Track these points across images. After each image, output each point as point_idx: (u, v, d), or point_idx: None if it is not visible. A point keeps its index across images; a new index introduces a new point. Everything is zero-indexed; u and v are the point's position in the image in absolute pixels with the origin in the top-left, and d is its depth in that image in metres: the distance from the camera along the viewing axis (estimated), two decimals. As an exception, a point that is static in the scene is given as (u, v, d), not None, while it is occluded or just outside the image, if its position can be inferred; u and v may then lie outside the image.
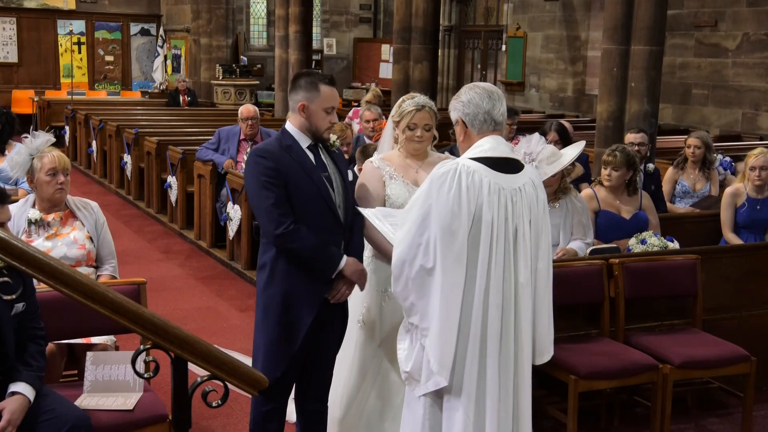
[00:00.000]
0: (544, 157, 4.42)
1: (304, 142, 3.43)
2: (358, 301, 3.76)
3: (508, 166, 3.01)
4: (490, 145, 3.01)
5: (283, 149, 3.38)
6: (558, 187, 4.68)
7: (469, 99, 3.06)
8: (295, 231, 3.28)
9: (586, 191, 5.23)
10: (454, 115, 3.12)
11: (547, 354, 3.18)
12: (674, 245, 4.91)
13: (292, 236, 3.28)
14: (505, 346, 2.97)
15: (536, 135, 4.55)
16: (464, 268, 2.89)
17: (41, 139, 4.17)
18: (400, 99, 3.89)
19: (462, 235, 2.88)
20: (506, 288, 2.96)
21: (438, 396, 3.00)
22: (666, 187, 6.64)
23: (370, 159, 3.89)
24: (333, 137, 3.55)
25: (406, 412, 3.16)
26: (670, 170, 6.75)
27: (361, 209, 3.42)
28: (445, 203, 2.88)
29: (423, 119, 3.73)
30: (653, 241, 4.84)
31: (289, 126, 3.46)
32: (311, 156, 3.43)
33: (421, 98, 3.78)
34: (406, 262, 2.90)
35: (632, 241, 4.90)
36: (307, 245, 3.30)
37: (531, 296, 3.04)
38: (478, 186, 2.91)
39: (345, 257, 3.38)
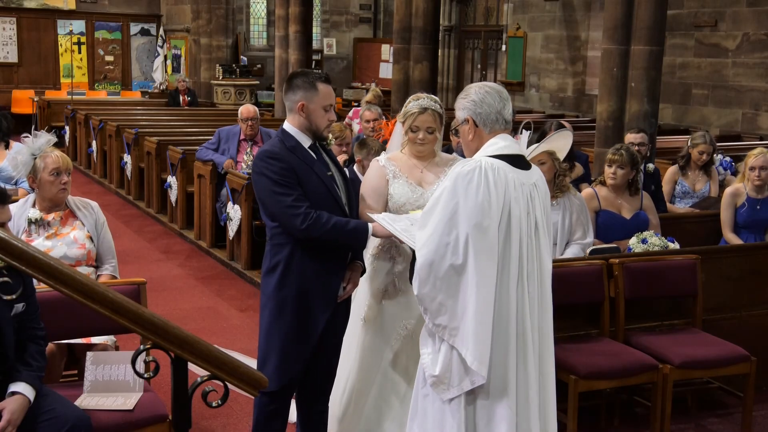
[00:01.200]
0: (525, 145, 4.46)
1: (306, 142, 3.45)
2: (361, 300, 3.77)
3: (521, 163, 3.07)
4: (506, 143, 3.06)
5: (289, 150, 3.40)
6: (554, 183, 4.66)
7: (482, 98, 3.07)
8: (318, 218, 3.30)
9: (587, 191, 5.23)
10: (462, 114, 3.11)
11: None
12: (675, 246, 4.90)
13: (316, 224, 3.29)
14: (534, 337, 3.01)
15: (525, 133, 4.55)
16: (496, 264, 2.90)
17: (43, 139, 4.18)
18: (411, 97, 3.86)
19: (493, 231, 2.90)
20: (531, 281, 3.00)
21: (471, 395, 2.97)
22: (666, 187, 6.64)
23: (377, 158, 3.89)
24: (330, 136, 3.57)
25: (422, 421, 3.08)
26: (671, 170, 6.74)
27: (372, 214, 3.41)
28: (474, 200, 2.88)
29: (425, 122, 3.70)
30: (654, 240, 4.84)
31: (289, 127, 3.46)
32: (314, 155, 3.45)
33: (426, 100, 3.74)
34: (434, 263, 2.89)
35: (633, 241, 4.90)
36: (333, 225, 3.32)
37: (550, 285, 3.11)
38: (504, 182, 2.94)
39: (369, 224, 3.42)
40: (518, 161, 3.05)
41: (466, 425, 2.98)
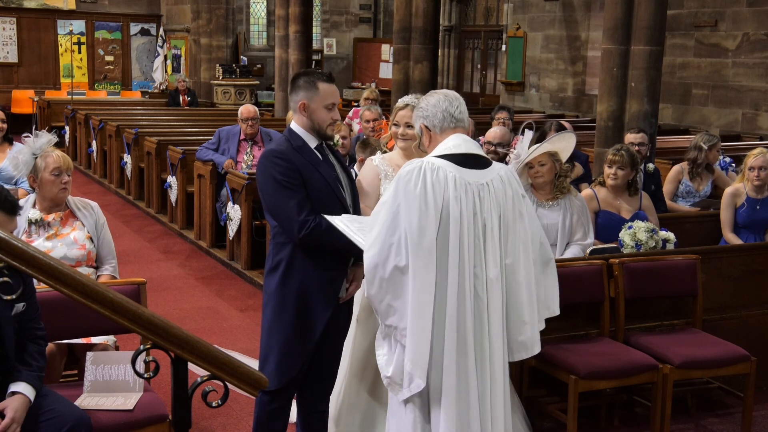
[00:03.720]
0: (527, 145, 4.50)
1: (312, 142, 3.46)
2: (354, 301, 3.77)
3: (474, 162, 3.05)
4: (455, 142, 3.07)
5: (295, 150, 3.40)
6: (554, 183, 4.67)
7: (427, 103, 3.16)
8: (317, 226, 3.29)
9: (586, 191, 5.23)
10: (417, 124, 3.20)
11: (535, 347, 3.17)
12: (667, 234, 4.89)
13: (313, 233, 3.28)
14: (479, 343, 2.99)
15: (528, 133, 4.58)
16: (434, 266, 2.90)
17: (44, 138, 4.18)
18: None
19: (430, 232, 2.90)
20: (478, 284, 2.98)
21: (422, 398, 3.00)
22: (669, 186, 6.64)
23: (372, 157, 3.93)
24: (336, 137, 3.59)
25: (390, 419, 3.14)
26: (675, 170, 6.74)
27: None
28: (412, 201, 2.90)
29: (404, 117, 3.81)
30: (639, 224, 4.83)
31: (295, 126, 3.48)
32: (320, 156, 3.46)
33: (408, 97, 3.86)
34: (379, 265, 2.91)
35: (621, 233, 4.88)
36: (331, 234, 3.30)
37: (501, 291, 3.04)
38: (443, 182, 2.94)
39: None
40: (469, 160, 3.03)
41: (423, 427, 3.01)
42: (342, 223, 3.27)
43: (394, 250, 2.89)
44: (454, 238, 2.92)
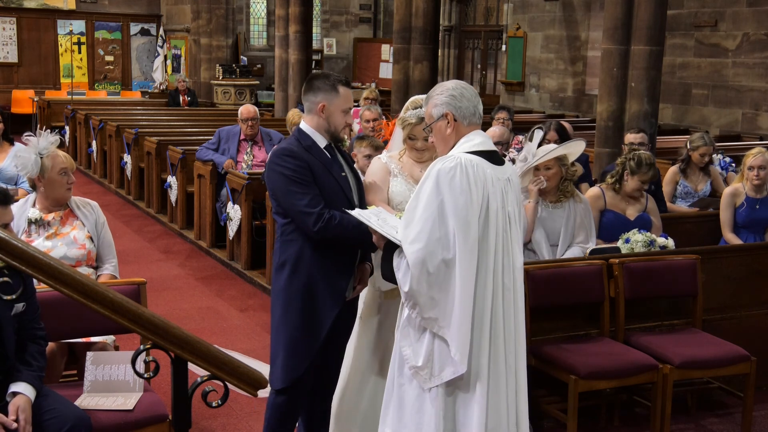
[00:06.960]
0: (535, 147, 4.51)
1: (322, 142, 3.48)
2: (360, 298, 3.78)
3: (496, 159, 3.15)
4: (480, 139, 3.13)
5: (305, 149, 3.42)
6: (559, 186, 4.68)
7: (461, 93, 3.14)
8: (331, 219, 3.31)
9: (594, 190, 5.22)
10: (439, 110, 3.12)
11: None
12: (665, 241, 4.89)
13: (329, 225, 3.31)
14: (509, 332, 3.08)
15: (538, 133, 4.58)
16: (476, 258, 2.97)
17: (48, 139, 4.20)
18: (408, 102, 3.89)
19: (475, 225, 2.97)
20: (506, 273, 3.07)
21: (451, 385, 3.03)
22: (667, 188, 6.63)
23: (379, 156, 3.94)
24: (345, 137, 3.62)
25: (406, 408, 3.12)
26: (671, 171, 6.73)
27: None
28: (459, 196, 2.95)
29: (422, 132, 3.72)
30: (636, 237, 4.84)
31: (305, 126, 3.49)
32: (329, 156, 3.47)
33: (420, 110, 3.74)
34: (426, 260, 2.94)
35: (619, 243, 4.89)
36: (347, 226, 3.33)
37: (523, 278, 3.19)
38: (482, 177, 3.02)
39: None
40: (493, 157, 3.13)
41: (445, 412, 3.04)
42: (362, 218, 3.25)
43: (442, 244, 2.94)
44: (492, 230, 3.02)
